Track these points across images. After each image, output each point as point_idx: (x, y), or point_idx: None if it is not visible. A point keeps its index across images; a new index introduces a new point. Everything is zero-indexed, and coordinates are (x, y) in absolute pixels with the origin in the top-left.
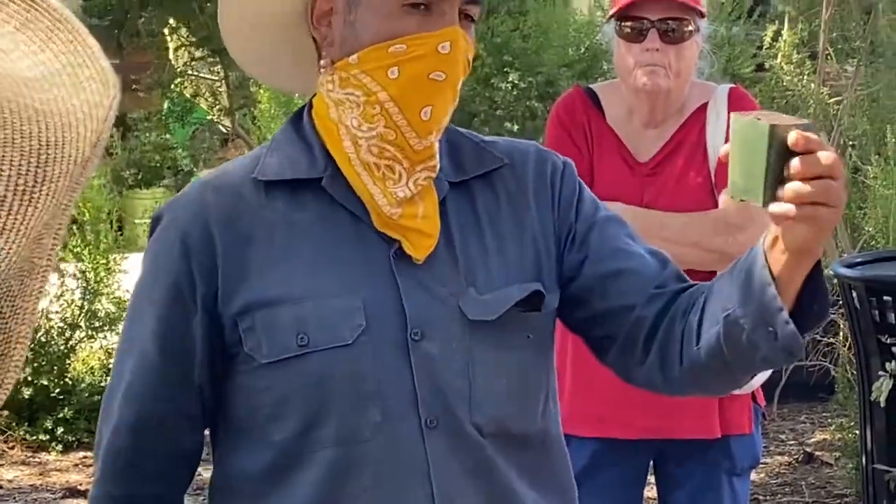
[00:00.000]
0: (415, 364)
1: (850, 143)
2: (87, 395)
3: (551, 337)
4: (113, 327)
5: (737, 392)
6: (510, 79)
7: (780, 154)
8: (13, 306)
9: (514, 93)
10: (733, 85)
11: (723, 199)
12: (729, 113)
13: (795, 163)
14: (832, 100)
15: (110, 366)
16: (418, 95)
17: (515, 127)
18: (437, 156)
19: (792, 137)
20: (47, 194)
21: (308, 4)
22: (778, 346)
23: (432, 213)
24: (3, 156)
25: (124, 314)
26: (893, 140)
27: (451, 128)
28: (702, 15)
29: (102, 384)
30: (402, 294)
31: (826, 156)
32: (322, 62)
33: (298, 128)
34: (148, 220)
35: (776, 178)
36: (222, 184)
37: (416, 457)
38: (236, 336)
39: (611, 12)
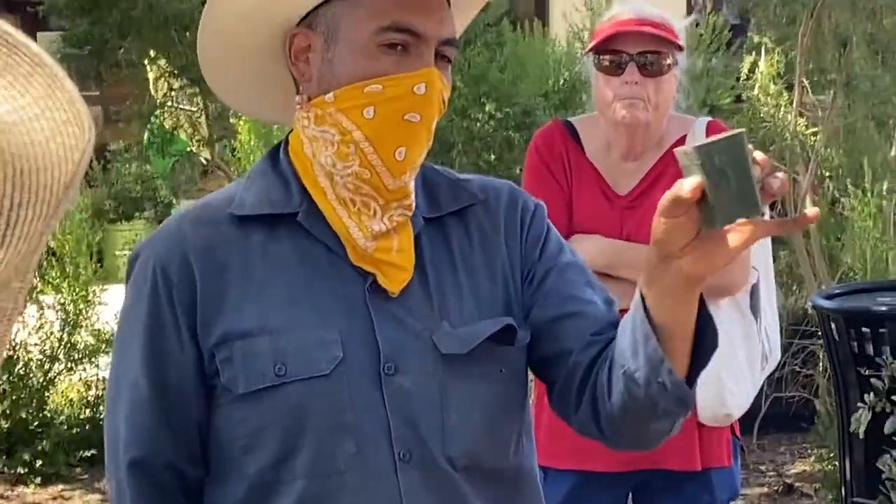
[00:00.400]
0: (388, 397)
1: (828, 174)
2: (66, 427)
3: (524, 372)
4: (92, 359)
5: (716, 424)
6: (487, 109)
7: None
8: None
9: (492, 123)
10: (711, 118)
11: None
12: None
13: (762, 157)
14: (809, 131)
15: (89, 398)
16: (393, 136)
17: (492, 157)
18: (413, 194)
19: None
20: (19, 237)
21: (286, 39)
22: (670, 397)
23: (407, 247)
24: None
25: (103, 346)
26: (870, 171)
27: (428, 165)
28: (680, 48)
29: (82, 416)
30: (375, 327)
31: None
32: (298, 98)
33: (275, 162)
34: (127, 252)
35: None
36: (200, 217)
37: (390, 489)
38: (214, 368)
39: (590, 45)
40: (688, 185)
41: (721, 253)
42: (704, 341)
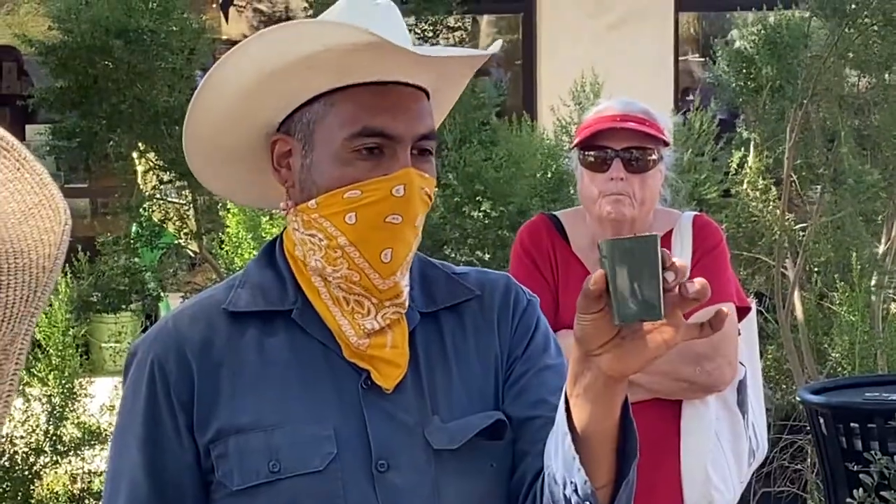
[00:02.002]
0: (380, 495)
1: (816, 269)
2: None
3: (511, 469)
4: (78, 452)
5: None
6: (482, 208)
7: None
8: None
9: (486, 221)
10: (697, 212)
11: None
12: (599, 243)
13: (679, 262)
14: (797, 226)
15: (74, 491)
16: (377, 239)
17: (486, 255)
18: (406, 291)
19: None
20: (2, 320)
21: (269, 144)
22: (581, 500)
23: (401, 343)
24: None
25: (89, 439)
26: (858, 267)
27: (426, 260)
28: (666, 143)
29: None
30: (367, 424)
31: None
32: (283, 204)
33: (271, 259)
34: (114, 345)
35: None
36: (195, 314)
37: None
38: (209, 464)
39: (575, 141)
40: (592, 278)
41: (638, 354)
42: (626, 448)
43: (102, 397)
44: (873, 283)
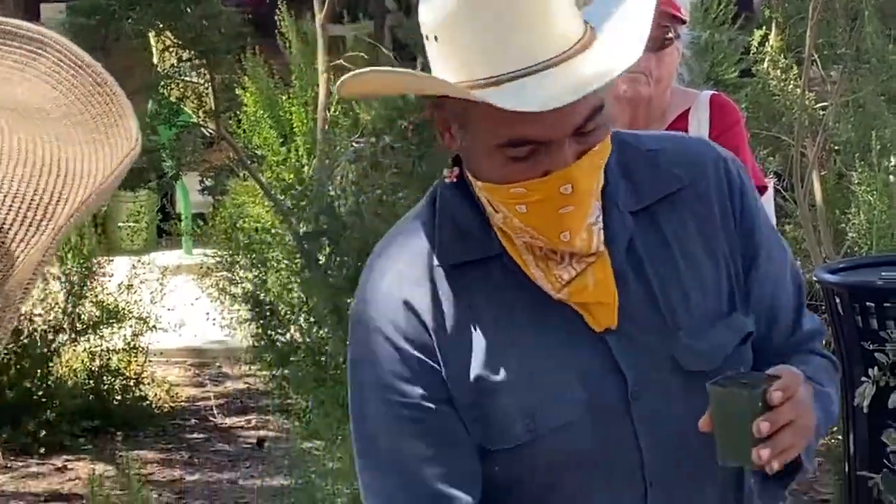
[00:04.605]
0: (637, 425)
1: (835, 148)
2: (70, 398)
3: None
4: (97, 330)
5: None
6: None
7: (758, 415)
8: None
9: None
10: (714, 91)
11: None
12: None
13: (765, 425)
14: (818, 105)
15: (93, 369)
16: (552, 226)
17: None
18: (596, 238)
19: (773, 397)
20: (53, 230)
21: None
22: None
23: (603, 277)
24: (20, 189)
25: (107, 317)
26: (878, 146)
27: (618, 140)
28: (682, 21)
29: (86, 387)
30: (614, 356)
31: (789, 408)
32: (446, 171)
33: (465, 192)
34: (132, 224)
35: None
36: (409, 276)
37: None
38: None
39: None
40: (702, 420)
41: None
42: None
43: (120, 276)
44: (893, 162)
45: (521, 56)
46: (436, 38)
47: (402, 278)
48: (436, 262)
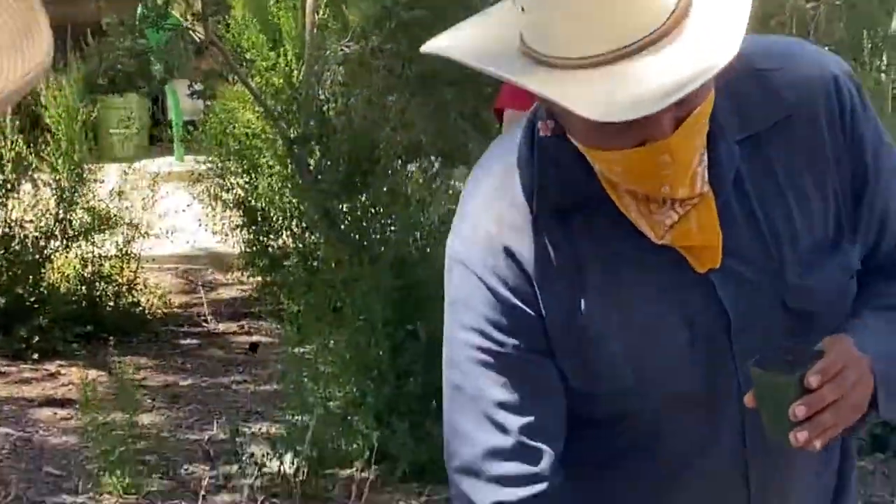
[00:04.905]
0: (738, 362)
1: (828, 47)
2: (62, 304)
3: None
4: (88, 237)
5: None
6: None
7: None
8: None
9: None
10: None
11: None
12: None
13: (801, 409)
14: (808, 5)
15: (85, 275)
16: (652, 182)
17: None
18: (700, 180)
19: (810, 382)
20: None
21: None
22: None
23: (708, 219)
24: None
25: (98, 224)
26: (870, 46)
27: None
28: None
29: (78, 293)
30: (718, 295)
31: (831, 389)
32: (540, 124)
33: (563, 146)
34: (122, 131)
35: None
36: (510, 221)
37: (736, 473)
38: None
39: None
40: (747, 396)
41: None
42: None
43: (111, 182)
44: (885, 62)
45: (612, 36)
46: (522, 8)
47: (503, 223)
48: (537, 206)
